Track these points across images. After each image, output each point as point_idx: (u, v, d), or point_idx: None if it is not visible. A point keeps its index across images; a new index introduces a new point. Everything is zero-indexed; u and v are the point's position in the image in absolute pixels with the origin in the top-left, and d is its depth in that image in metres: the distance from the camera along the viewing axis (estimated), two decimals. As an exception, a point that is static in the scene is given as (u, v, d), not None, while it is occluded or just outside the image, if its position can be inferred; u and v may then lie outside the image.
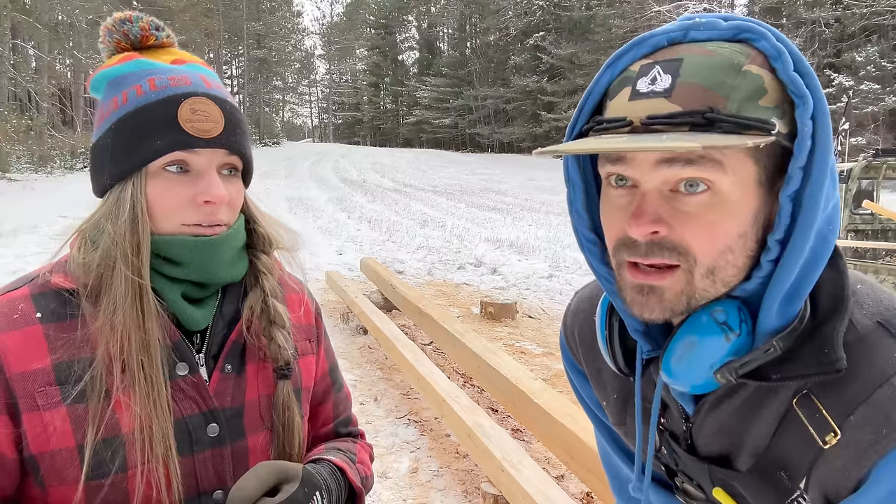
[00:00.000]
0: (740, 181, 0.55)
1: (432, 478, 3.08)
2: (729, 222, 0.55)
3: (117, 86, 0.76)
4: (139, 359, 0.71)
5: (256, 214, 0.87)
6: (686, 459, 0.68)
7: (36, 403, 0.69)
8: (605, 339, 0.71)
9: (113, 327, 0.71)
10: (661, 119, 0.54)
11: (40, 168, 20.17)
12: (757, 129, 0.53)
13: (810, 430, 0.56)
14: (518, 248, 10.01)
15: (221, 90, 0.80)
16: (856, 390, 0.55)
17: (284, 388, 0.83)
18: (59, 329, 0.72)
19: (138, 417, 0.70)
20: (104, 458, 0.70)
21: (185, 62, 0.79)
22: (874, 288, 0.61)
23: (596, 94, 0.62)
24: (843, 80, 22.57)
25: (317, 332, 0.94)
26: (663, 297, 0.58)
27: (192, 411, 0.76)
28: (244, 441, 0.80)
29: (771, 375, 0.57)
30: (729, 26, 0.56)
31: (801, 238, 0.55)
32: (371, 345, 5.15)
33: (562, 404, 2.66)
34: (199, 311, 0.78)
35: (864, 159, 6.41)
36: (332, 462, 0.85)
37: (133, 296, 0.71)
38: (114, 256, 0.72)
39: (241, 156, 0.79)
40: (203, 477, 0.76)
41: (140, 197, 0.73)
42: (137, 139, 0.73)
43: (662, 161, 0.55)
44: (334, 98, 72.99)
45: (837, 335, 0.56)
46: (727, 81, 0.53)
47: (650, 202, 0.56)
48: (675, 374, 0.60)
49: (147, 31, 0.79)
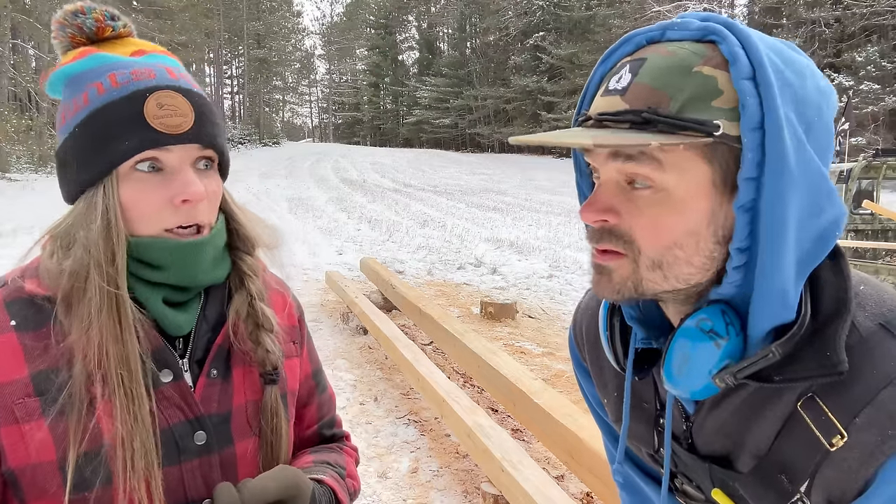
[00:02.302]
0: (687, 180, 0.55)
1: (432, 478, 3.08)
2: (672, 219, 0.56)
3: (76, 84, 0.71)
4: (118, 373, 0.67)
5: (236, 212, 0.83)
6: (687, 459, 0.68)
7: (14, 416, 0.65)
8: (606, 335, 0.72)
9: (89, 341, 0.67)
10: (608, 116, 0.57)
11: (40, 168, 20.17)
12: (693, 130, 0.53)
13: (816, 433, 0.56)
14: (518, 248, 10.01)
15: (188, 80, 0.75)
16: (860, 392, 0.55)
17: (272, 393, 0.80)
18: (35, 338, 0.68)
19: (119, 432, 0.67)
20: (87, 472, 0.67)
21: (145, 52, 0.74)
22: (878, 289, 0.61)
23: (592, 86, 0.64)
24: (843, 80, 22.57)
25: (300, 334, 0.92)
26: (611, 278, 0.61)
27: (178, 419, 0.73)
28: (232, 448, 0.77)
29: (773, 377, 0.57)
30: (699, 27, 0.57)
31: (769, 249, 0.54)
32: (371, 345, 5.15)
33: (562, 404, 2.66)
34: (182, 316, 0.75)
35: (864, 159, 6.41)
36: (326, 483, 0.83)
37: (109, 307, 0.67)
38: (87, 265, 0.68)
39: (215, 148, 0.74)
40: (191, 486, 0.74)
41: (113, 202, 0.69)
42: (103, 141, 0.68)
43: (610, 154, 0.58)
44: (334, 98, 72.98)
45: (839, 338, 0.55)
46: (674, 82, 0.54)
47: (604, 192, 0.60)
48: (675, 382, 0.61)
49: (102, 22, 0.73)
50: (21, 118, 18.22)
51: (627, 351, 0.71)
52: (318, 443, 0.97)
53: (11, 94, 21.84)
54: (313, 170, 25.40)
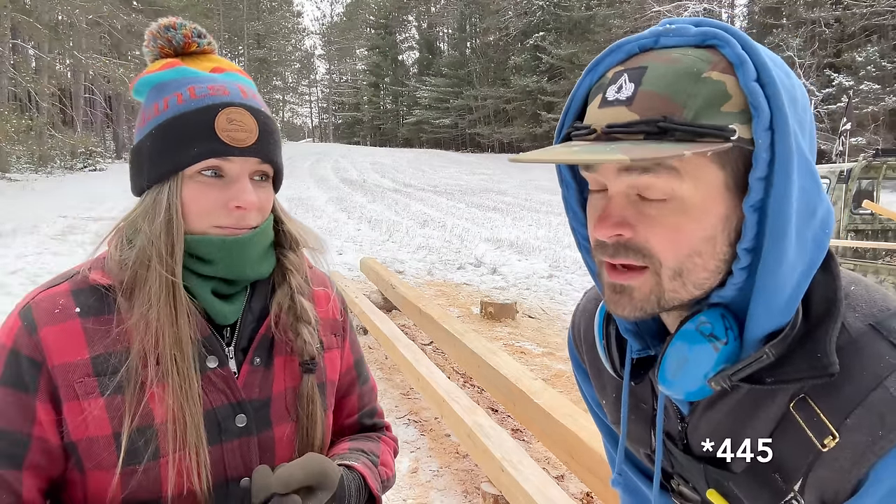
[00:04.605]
0: (703, 186, 0.55)
1: (432, 478, 3.08)
2: (691, 227, 0.56)
3: (159, 92, 0.80)
4: (172, 353, 0.75)
5: (283, 216, 0.90)
6: (682, 459, 0.69)
7: (75, 393, 0.73)
8: (602, 341, 0.72)
9: (147, 323, 0.74)
10: (619, 128, 0.55)
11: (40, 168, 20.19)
12: (712, 137, 0.53)
13: (808, 434, 0.57)
14: (518, 248, 10.01)
15: (257, 100, 0.83)
16: (851, 393, 0.55)
17: (309, 381, 0.86)
18: (97, 323, 0.76)
19: (171, 408, 0.74)
20: (138, 446, 0.73)
21: (223, 70, 0.83)
22: (868, 289, 0.61)
23: (578, 98, 0.63)
24: (843, 80, 22.58)
25: (342, 327, 0.97)
26: (633, 297, 0.59)
27: (221, 402, 0.79)
28: (270, 431, 0.83)
29: (765, 379, 0.58)
30: (697, 32, 0.56)
31: (774, 249, 0.55)
32: (371, 345, 5.15)
33: (562, 404, 2.66)
34: (229, 307, 0.81)
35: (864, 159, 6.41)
36: (356, 470, 0.87)
37: (167, 293, 0.75)
38: (149, 255, 0.76)
39: (272, 164, 0.82)
40: (231, 465, 0.79)
41: (175, 200, 0.77)
42: (176, 144, 0.76)
43: (622, 169, 0.56)
44: (334, 98, 73.02)
45: (830, 339, 0.56)
46: (685, 89, 0.54)
47: (616, 206, 0.58)
48: (670, 384, 0.61)
49: (190, 38, 0.82)
50: (21, 118, 18.21)
51: (624, 358, 0.71)
52: (358, 431, 1.01)
53: (11, 94, 21.84)
54: (313, 170, 25.40)
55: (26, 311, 0.75)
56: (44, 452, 0.73)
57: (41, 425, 0.73)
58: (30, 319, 0.74)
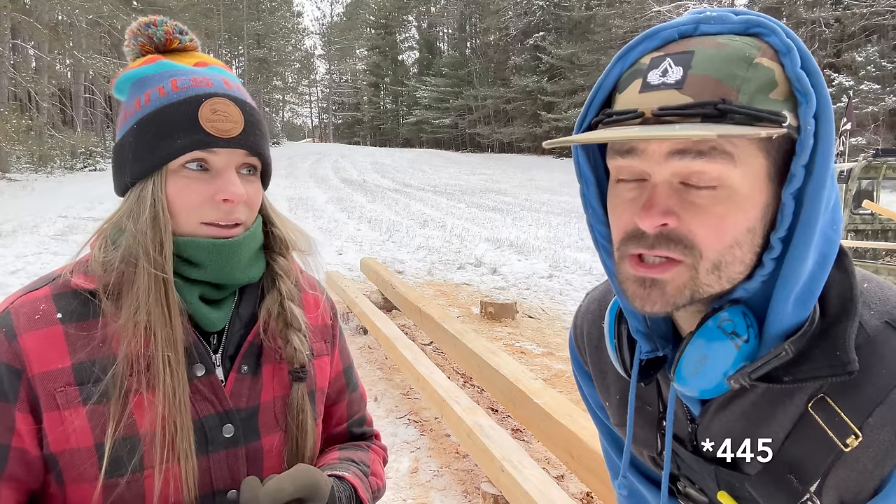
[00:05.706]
0: (751, 174, 0.55)
1: (432, 478, 3.08)
2: (738, 216, 0.55)
3: (140, 86, 0.77)
4: (165, 355, 0.71)
5: (273, 217, 0.88)
6: (690, 461, 0.68)
7: (56, 403, 0.70)
8: (613, 342, 0.71)
9: (136, 325, 0.71)
10: (672, 110, 0.53)
11: (40, 168, 20.19)
12: (769, 121, 0.53)
13: (829, 434, 0.56)
14: (518, 248, 10.01)
15: (242, 92, 0.81)
16: (871, 392, 0.55)
17: (299, 390, 0.83)
18: (79, 329, 0.73)
19: (160, 415, 0.71)
20: (121, 457, 0.70)
21: (207, 64, 0.81)
22: (881, 286, 0.61)
23: (606, 87, 0.62)
24: (843, 80, 22.57)
25: (332, 333, 0.95)
26: (665, 291, 0.57)
27: (208, 411, 0.77)
28: (258, 442, 0.80)
29: (783, 378, 0.57)
30: (740, 20, 0.56)
31: (804, 236, 0.55)
32: (371, 345, 5.15)
33: (562, 404, 2.66)
34: (216, 313, 0.79)
35: (864, 159, 6.41)
36: (347, 480, 0.84)
37: (157, 291, 0.72)
38: (136, 254, 0.73)
39: (259, 156, 0.79)
40: (217, 476, 0.77)
41: (160, 195, 0.74)
42: (159, 138, 0.74)
43: (674, 152, 0.54)
44: (334, 98, 72.98)
45: (849, 337, 0.56)
46: (739, 73, 0.53)
47: (661, 194, 0.56)
48: (687, 381, 0.60)
49: (171, 34, 0.80)
50: (21, 118, 18.23)
51: (633, 358, 0.70)
52: (347, 440, 0.99)
53: (11, 94, 21.84)
54: (313, 170, 25.39)
55: (5, 316, 0.71)
56: (23, 464, 0.70)
57: (20, 436, 0.69)
58: (9, 325, 0.71)
